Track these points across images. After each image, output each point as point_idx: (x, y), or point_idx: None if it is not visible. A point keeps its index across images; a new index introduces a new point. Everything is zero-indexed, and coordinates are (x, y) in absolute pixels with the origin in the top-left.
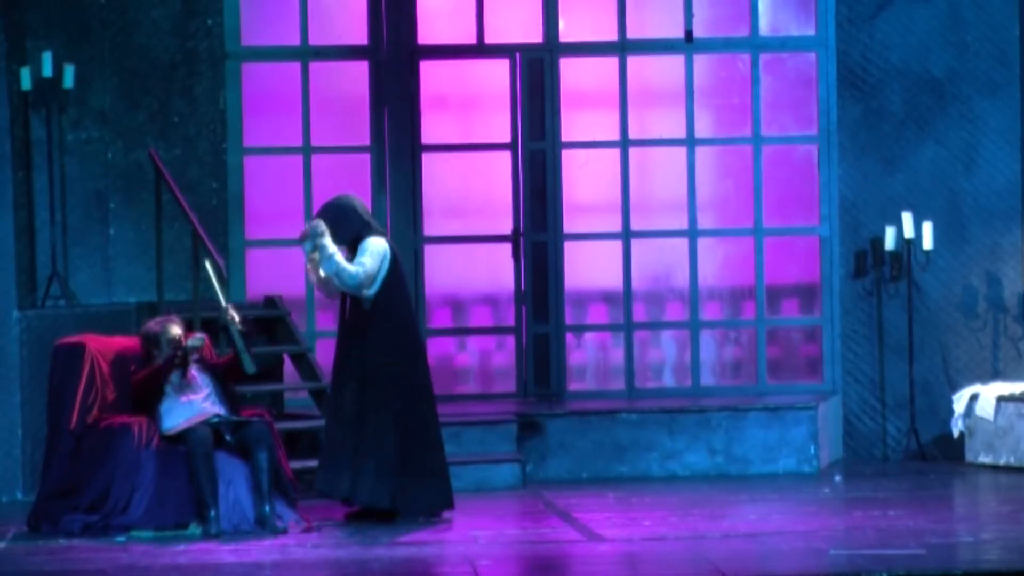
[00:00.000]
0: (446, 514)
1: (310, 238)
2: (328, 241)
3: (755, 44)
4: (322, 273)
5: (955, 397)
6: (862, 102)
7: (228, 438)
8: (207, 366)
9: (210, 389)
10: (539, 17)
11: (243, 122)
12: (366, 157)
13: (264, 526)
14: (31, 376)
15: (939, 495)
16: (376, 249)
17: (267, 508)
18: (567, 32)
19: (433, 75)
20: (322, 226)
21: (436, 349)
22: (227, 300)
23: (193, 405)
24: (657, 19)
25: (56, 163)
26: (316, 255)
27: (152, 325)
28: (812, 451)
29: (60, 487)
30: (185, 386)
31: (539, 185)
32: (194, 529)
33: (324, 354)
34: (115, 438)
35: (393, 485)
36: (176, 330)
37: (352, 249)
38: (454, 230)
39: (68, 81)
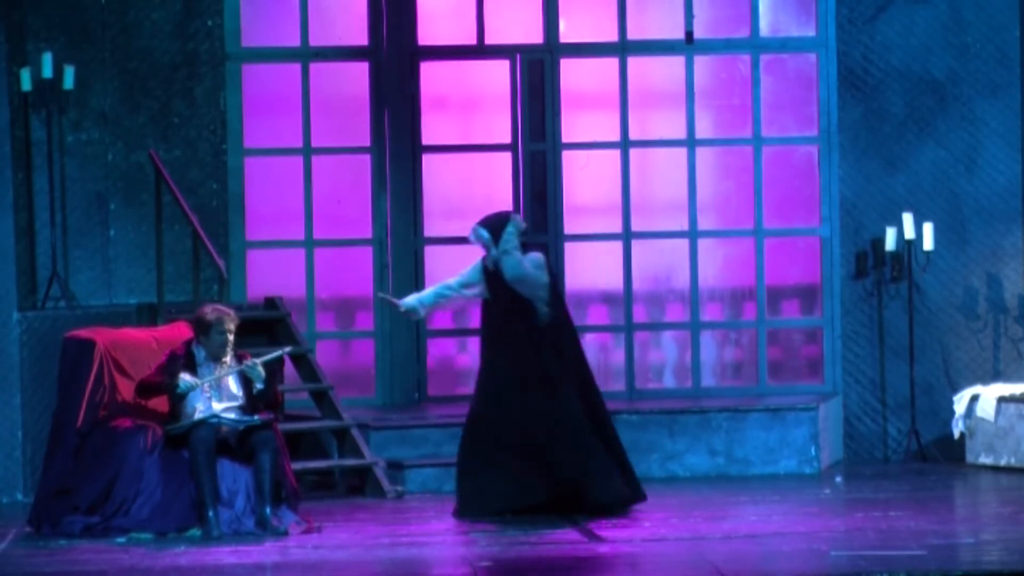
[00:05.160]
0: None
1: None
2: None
3: (755, 45)
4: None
5: (956, 398)
6: (863, 103)
7: (232, 442)
8: (247, 381)
9: (237, 403)
10: (539, 18)
11: (243, 123)
12: (366, 158)
13: (264, 528)
14: (31, 377)
15: (940, 496)
16: (538, 260)
17: (267, 510)
18: (567, 33)
19: (433, 76)
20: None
21: (437, 350)
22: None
23: (209, 409)
24: (657, 20)
25: (56, 164)
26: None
27: (208, 312)
28: (813, 452)
29: (60, 484)
30: (216, 388)
31: (539, 186)
32: (194, 531)
33: (324, 355)
34: (120, 441)
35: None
36: (230, 326)
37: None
38: (455, 231)
39: (68, 82)
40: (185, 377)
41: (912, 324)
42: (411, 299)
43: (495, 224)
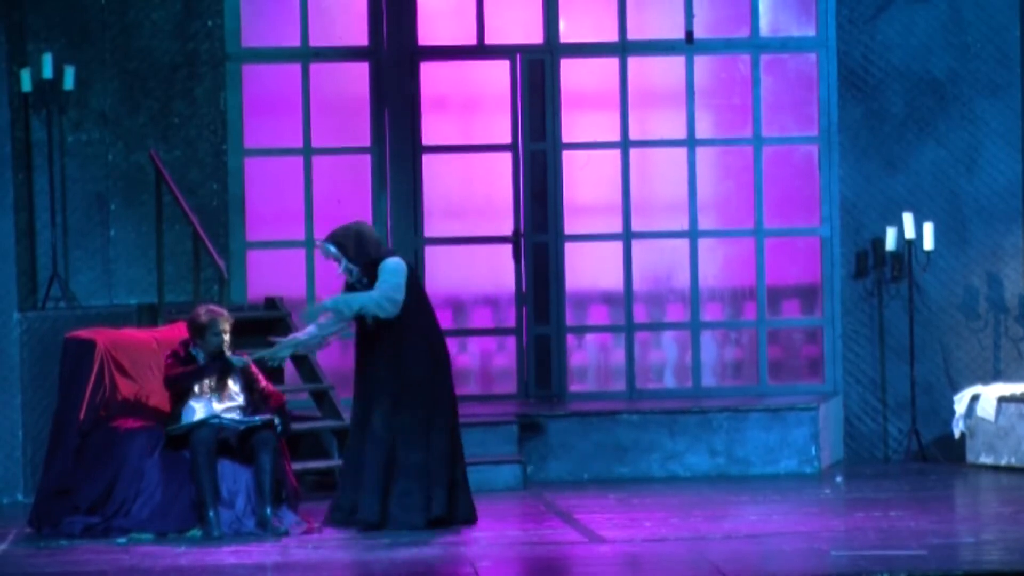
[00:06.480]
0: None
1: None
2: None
3: (756, 45)
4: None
5: (956, 398)
6: (863, 103)
7: (232, 443)
8: (249, 382)
9: (238, 404)
10: (539, 18)
11: (244, 124)
12: (367, 158)
13: (265, 528)
14: (32, 378)
15: (940, 496)
16: (396, 267)
17: (268, 510)
18: (568, 33)
19: (434, 76)
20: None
21: None
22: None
23: (209, 410)
24: (658, 20)
25: (57, 165)
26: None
27: (201, 314)
28: (813, 452)
29: (61, 484)
30: (216, 391)
31: (540, 186)
32: (195, 532)
33: (324, 355)
34: (121, 442)
35: (424, 501)
36: (225, 326)
37: (369, 273)
38: (455, 231)
39: (68, 83)
40: (233, 356)
41: (912, 324)
42: (302, 335)
43: (342, 236)
